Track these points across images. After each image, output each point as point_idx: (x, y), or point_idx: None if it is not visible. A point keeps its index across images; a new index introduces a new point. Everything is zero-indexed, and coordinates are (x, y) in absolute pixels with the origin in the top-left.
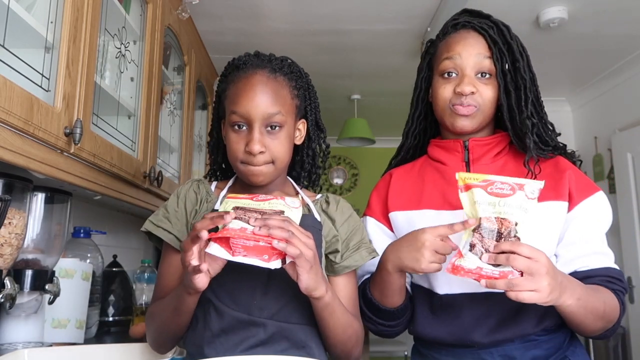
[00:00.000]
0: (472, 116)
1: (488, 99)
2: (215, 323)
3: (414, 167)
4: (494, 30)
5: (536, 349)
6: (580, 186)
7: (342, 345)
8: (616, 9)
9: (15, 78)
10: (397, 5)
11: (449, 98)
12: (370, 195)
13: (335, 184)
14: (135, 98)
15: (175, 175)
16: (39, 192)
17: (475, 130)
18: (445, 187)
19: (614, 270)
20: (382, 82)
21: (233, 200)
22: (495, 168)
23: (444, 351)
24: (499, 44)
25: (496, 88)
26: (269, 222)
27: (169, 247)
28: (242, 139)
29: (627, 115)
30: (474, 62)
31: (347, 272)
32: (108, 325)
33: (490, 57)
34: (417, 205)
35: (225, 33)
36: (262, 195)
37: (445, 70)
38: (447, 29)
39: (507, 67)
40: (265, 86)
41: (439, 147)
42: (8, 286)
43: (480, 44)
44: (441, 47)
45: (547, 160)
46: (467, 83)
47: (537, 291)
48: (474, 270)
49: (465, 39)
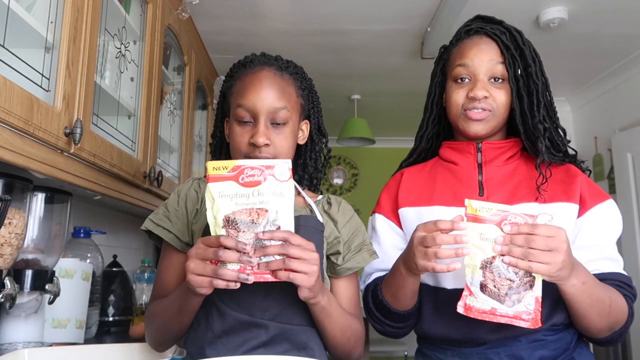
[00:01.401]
0: (486, 121)
1: (501, 103)
2: (217, 324)
3: (425, 167)
4: (507, 36)
5: (543, 349)
6: (593, 192)
7: (342, 346)
8: (616, 9)
9: (15, 78)
10: (397, 5)
11: (462, 103)
12: (380, 193)
13: (335, 184)
14: (135, 98)
15: (175, 175)
16: (39, 192)
17: (488, 135)
18: (456, 185)
19: (624, 277)
20: (382, 82)
21: (216, 187)
22: (507, 171)
23: (449, 351)
24: (511, 50)
25: (509, 92)
26: (268, 251)
27: (169, 246)
28: (246, 132)
29: (627, 115)
30: (487, 67)
31: (349, 273)
32: (108, 325)
33: (502, 62)
34: (428, 202)
35: (225, 33)
36: (247, 170)
37: (459, 76)
38: (460, 35)
39: (519, 72)
40: (272, 81)
41: (452, 149)
42: (8, 286)
43: (493, 49)
44: (454, 53)
45: (558, 166)
46: (480, 88)
47: (549, 264)
48: (487, 311)
49: (477, 45)
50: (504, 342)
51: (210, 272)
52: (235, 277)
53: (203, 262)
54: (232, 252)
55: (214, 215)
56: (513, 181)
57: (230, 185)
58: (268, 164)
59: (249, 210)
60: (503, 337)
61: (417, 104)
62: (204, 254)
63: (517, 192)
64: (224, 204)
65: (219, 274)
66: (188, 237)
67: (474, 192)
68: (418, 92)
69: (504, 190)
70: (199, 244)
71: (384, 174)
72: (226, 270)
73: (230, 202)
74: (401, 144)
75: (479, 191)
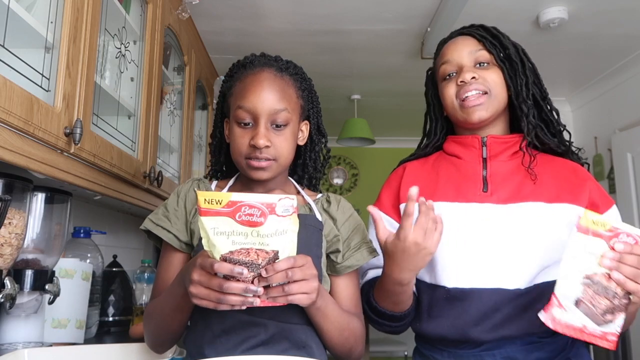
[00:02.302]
0: (485, 104)
1: (494, 82)
2: (217, 323)
3: (427, 161)
4: (480, 30)
5: (539, 351)
6: (602, 197)
7: (340, 346)
8: (616, 9)
9: (15, 78)
10: (397, 5)
11: (454, 93)
12: (381, 189)
13: (335, 184)
14: (135, 98)
15: (175, 175)
16: (39, 192)
17: (491, 118)
18: (460, 180)
19: None
20: (382, 82)
21: (209, 222)
22: (512, 167)
23: (445, 352)
24: (488, 38)
25: (500, 72)
26: (271, 280)
27: (169, 246)
28: (247, 134)
29: (627, 115)
30: (469, 56)
31: (349, 271)
32: (108, 325)
33: (483, 49)
34: (431, 197)
35: (225, 33)
36: (244, 208)
37: (445, 74)
38: (439, 47)
39: (501, 55)
40: (272, 82)
41: (456, 143)
42: (8, 286)
43: (470, 41)
44: (438, 60)
45: (564, 164)
46: (466, 71)
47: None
48: (577, 327)
49: (455, 42)
50: (500, 344)
51: (215, 299)
52: (240, 303)
53: (207, 289)
54: (237, 284)
55: (210, 250)
56: (518, 177)
57: (226, 222)
58: (268, 201)
59: (248, 251)
60: (498, 337)
61: (417, 104)
62: (208, 283)
63: (522, 189)
64: (219, 242)
65: (224, 300)
66: (187, 236)
67: (478, 188)
68: (418, 92)
69: (508, 186)
70: (199, 271)
71: (384, 174)
72: (231, 297)
73: (227, 240)
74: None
75: (482, 187)
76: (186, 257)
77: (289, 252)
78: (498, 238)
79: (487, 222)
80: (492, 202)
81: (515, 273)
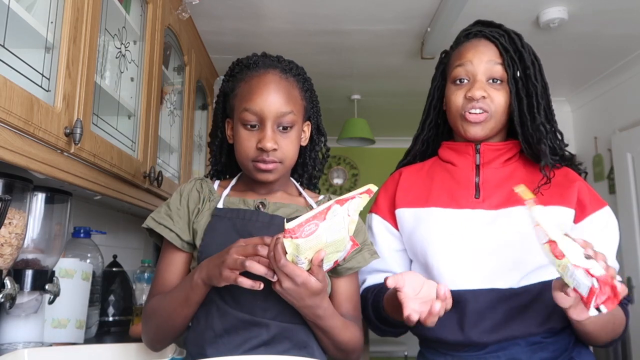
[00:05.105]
0: (484, 123)
1: (499, 104)
2: (218, 323)
3: (423, 167)
4: (505, 38)
5: (543, 352)
6: (591, 198)
7: (337, 349)
8: (616, 9)
9: (16, 78)
10: (397, 5)
11: (460, 104)
12: (378, 193)
13: (335, 184)
14: (135, 98)
15: (175, 176)
16: (39, 192)
17: (486, 137)
18: (453, 187)
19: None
20: (382, 82)
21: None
22: (505, 173)
23: (449, 356)
24: (510, 52)
25: (508, 94)
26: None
27: (170, 244)
28: (253, 137)
29: (627, 115)
30: (485, 67)
31: (349, 273)
32: (108, 325)
33: (501, 63)
34: (425, 203)
35: (225, 33)
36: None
37: (457, 77)
38: (459, 39)
39: (518, 74)
40: (278, 85)
41: (451, 149)
42: (8, 286)
43: (492, 50)
44: (454, 56)
45: (556, 170)
46: (477, 88)
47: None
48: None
49: (476, 47)
50: (504, 346)
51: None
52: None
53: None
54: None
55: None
56: (510, 184)
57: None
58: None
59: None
60: (500, 339)
61: (417, 104)
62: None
63: (513, 194)
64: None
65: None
66: (189, 236)
67: (470, 194)
68: (418, 92)
69: (500, 192)
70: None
71: (384, 174)
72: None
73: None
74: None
75: (475, 193)
76: (187, 256)
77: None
78: (489, 242)
79: (478, 227)
80: (484, 208)
81: (506, 273)
